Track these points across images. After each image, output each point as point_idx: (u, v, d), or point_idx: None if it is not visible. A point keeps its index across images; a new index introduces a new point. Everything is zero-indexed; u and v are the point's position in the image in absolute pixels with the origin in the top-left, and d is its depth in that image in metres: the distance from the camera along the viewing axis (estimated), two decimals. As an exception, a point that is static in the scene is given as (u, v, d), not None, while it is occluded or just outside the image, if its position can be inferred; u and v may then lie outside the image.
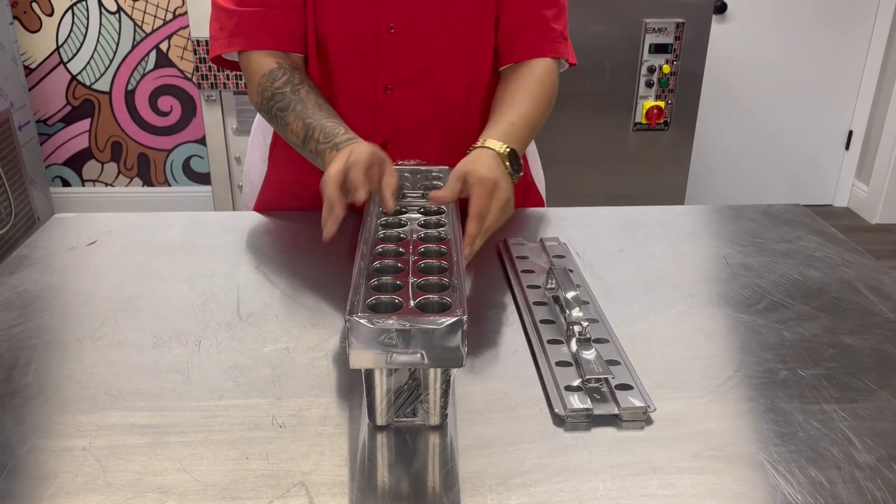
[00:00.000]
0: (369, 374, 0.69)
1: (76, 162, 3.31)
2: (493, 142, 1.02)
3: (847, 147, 3.50)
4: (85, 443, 0.69)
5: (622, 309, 0.93)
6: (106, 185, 3.36)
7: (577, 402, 0.74)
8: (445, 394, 0.71)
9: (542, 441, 0.70)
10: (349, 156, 0.91)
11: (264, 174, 1.28)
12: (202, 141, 3.25)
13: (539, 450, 0.69)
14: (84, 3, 3.03)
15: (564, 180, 2.54)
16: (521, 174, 1.04)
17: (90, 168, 3.32)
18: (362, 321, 0.65)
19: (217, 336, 0.87)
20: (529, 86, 1.11)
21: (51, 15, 3.05)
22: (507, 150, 1.01)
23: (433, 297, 0.73)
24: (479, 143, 1.04)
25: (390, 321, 0.65)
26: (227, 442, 0.69)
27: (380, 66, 1.12)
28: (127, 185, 3.36)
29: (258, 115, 1.29)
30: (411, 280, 0.76)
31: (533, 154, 1.31)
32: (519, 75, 1.13)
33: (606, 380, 0.77)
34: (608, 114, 2.69)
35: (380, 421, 0.72)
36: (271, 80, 1.06)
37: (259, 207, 1.26)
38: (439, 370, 0.69)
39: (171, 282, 0.98)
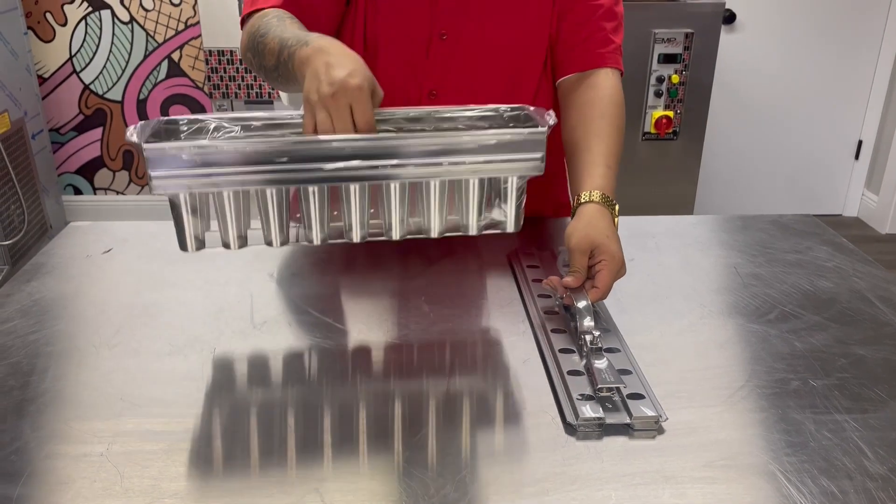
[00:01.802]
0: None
1: (88, 170, 3.33)
2: (600, 195, 0.97)
3: (857, 157, 3.49)
4: (102, 449, 0.69)
5: (633, 318, 0.93)
6: (117, 193, 3.38)
7: (589, 411, 0.74)
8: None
9: (554, 450, 0.70)
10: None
11: None
12: (213, 150, 3.28)
13: (551, 458, 0.69)
14: (97, 13, 3.06)
15: (573, 190, 2.54)
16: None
17: (102, 176, 3.35)
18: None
19: (231, 344, 0.87)
20: (608, 111, 1.08)
21: (64, 25, 3.08)
22: (615, 204, 0.98)
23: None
24: (587, 197, 0.97)
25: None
26: (242, 449, 0.70)
27: (427, 72, 1.13)
28: (138, 194, 3.39)
29: None
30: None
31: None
32: (591, 99, 1.10)
33: (618, 389, 0.77)
34: (617, 123, 2.69)
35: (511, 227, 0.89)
36: (264, 16, 1.02)
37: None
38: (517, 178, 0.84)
39: (186, 290, 0.99)
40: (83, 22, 3.08)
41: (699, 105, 2.72)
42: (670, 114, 2.68)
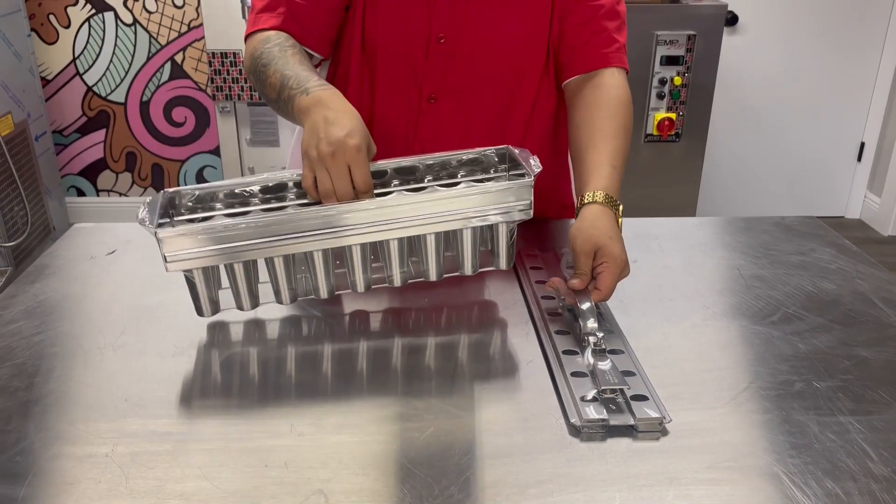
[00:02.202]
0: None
1: (91, 172, 3.34)
2: (604, 195, 0.97)
3: (859, 159, 3.49)
4: (107, 450, 0.70)
5: (637, 320, 0.93)
6: (120, 195, 3.38)
7: (592, 412, 0.74)
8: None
9: (558, 451, 0.70)
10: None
11: None
12: (215, 151, 3.28)
13: (555, 460, 0.69)
14: (100, 15, 3.07)
15: (576, 191, 2.54)
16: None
17: (105, 178, 3.35)
18: None
19: (235, 345, 0.88)
20: (614, 111, 1.07)
21: (68, 27, 3.08)
22: (619, 205, 0.98)
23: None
24: (590, 198, 0.97)
25: None
26: (247, 450, 0.70)
27: (426, 76, 1.13)
28: (141, 195, 3.39)
29: None
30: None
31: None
32: (597, 99, 1.09)
33: (622, 390, 0.77)
34: (620, 125, 2.70)
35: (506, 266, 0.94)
36: (266, 42, 1.04)
37: None
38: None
39: (190, 291, 1.00)
40: (86, 24, 3.08)
41: (701, 107, 2.72)
42: (672, 116, 2.68)
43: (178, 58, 3.14)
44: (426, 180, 0.99)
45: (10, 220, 2.72)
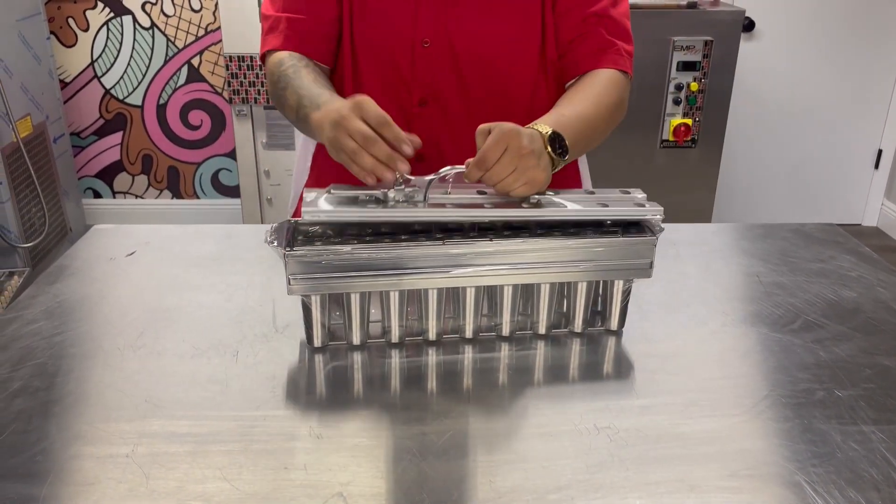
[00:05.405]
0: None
1: (108, 174, 3.36)
2: (539, 125, 0.96)
3: (876, 166, 3.46)
4: (127, 450, 0.70)
5: (655, 326, 0.93)
6: (136, 197, 3.41)
7: None
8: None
9: (577, 457, 0.70)
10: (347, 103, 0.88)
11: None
12: (231, 154, 3.29)
13: (575, 466, 0.69)
14: (118, 18, 3.09)
15: (591, 197, 2.53)
16: (567, 159, 0.96)
17: (121, 180, 3.37)
18: None
19: (254, 347, 0.88)
20: (589, 90, 1.09)
21: (86, 30, 3.11)
22: (550, 131, 0.95)
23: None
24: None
25: None
26: (266, 452, 0.70)
27: (414, 80, 1.13)
28: (156, 198, 3.41)
29: None
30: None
31: (584, 170, 1.31)
32: (581, 83, 1.11)
33: None
34: (635, 131, 2.69)
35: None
36: (280, 65, 1.08)
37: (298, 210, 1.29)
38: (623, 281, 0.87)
39: (208, 293, 1.00)
40: (105, 27, 3.11)
41: (718, 113, 2.70)
42: (689, 121, 2.67)
43: (195, 61, 3.16)
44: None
45: (28, 221, 2.74)
